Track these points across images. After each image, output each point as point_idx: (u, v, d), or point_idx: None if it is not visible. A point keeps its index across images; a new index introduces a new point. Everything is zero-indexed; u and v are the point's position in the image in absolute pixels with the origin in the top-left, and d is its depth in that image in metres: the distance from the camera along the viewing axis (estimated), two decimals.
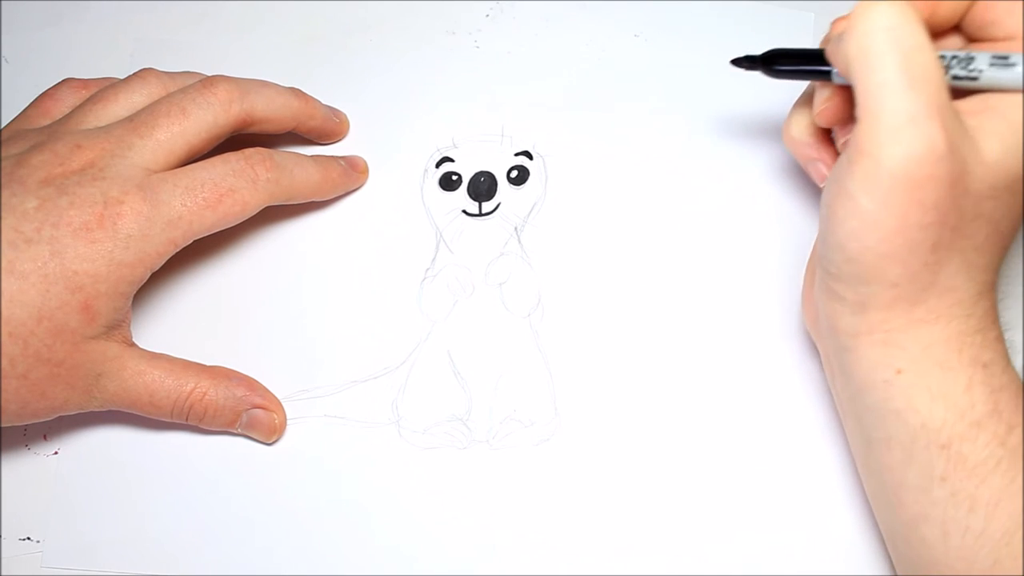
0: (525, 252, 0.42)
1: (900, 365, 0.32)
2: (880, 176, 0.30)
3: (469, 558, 0.38)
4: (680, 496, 0.39)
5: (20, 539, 0.39)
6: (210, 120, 0.38)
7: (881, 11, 0.30)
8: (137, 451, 0.39)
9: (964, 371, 0.32)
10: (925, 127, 0.29)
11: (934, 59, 0.30)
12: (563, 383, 0.40)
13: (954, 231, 0.31)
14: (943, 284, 0.32)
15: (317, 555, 0.38)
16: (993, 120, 0.31)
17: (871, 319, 0.33)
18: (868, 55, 0.30)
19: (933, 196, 0.30)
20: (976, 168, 0.31)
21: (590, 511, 0.39)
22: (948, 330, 0.32)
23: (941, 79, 0.30)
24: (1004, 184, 0.31)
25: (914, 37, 0.30)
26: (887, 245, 0.31)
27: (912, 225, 0.30)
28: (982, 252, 0.32)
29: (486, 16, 0.46)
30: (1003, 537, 0.31)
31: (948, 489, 0.32)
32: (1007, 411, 0.32)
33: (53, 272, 0.34)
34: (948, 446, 0.31)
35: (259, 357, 0.41)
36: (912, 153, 0.29)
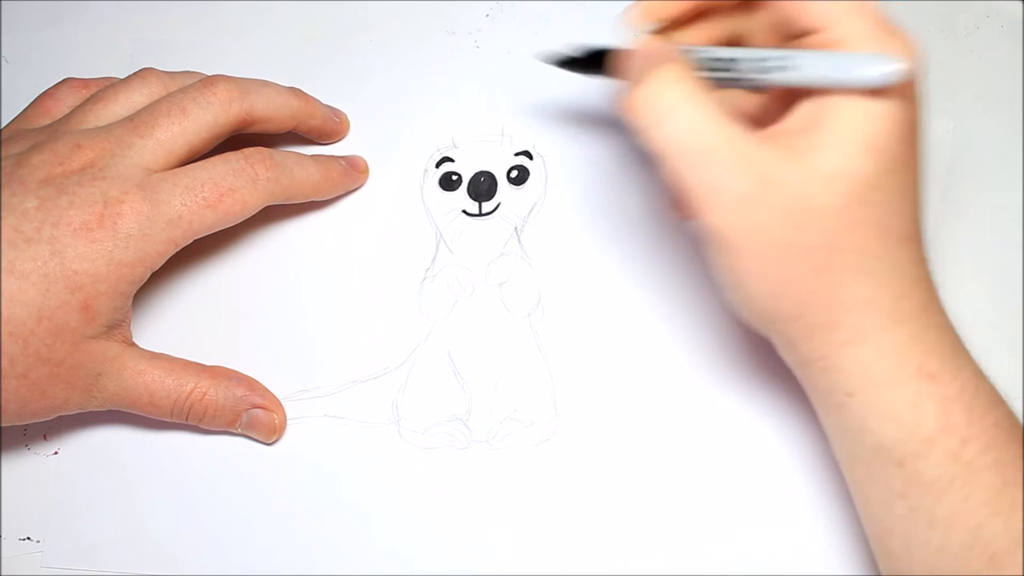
0: (525, 252, 0.42)
1: (848, 388, 0.32)
2: (710, 241, 0.32)
3: (469, 558, 0.38)
4: (680, 496, 0.39)
5: (20, 539, 0.39)
6: (210, 120, 0.38)
7: (647, 96, 0.31)
8: (137, 451, 0.39)
9: (909, 387, 0.31)
10: (728, 188, 0.30)
11: (712, 122, 0.30)
12: (563, 383, 0.40)
13: (830, 251, 0.31)
14: (850, 301, 0.31)
15: (317, 555, 0.38)
16: (823, 133, 0.31)
17: (800, 351, 0.33)
18: (657, 147, 0.31)
19: (770, 236, 0.30)
20: (816, 186, 0.30)
21: (590, 511, 0.39)
22: (881, 347, 0.32)
23: (726, 137, 0.30)
24: (865, 187, 0.30)
25: (687, 108, 0.31)
26: (760, 292, 0.32)
27: (770, 268, 0.31)
28: (880, 257, 0.32)
29: (486, 16, 0.46)
30: (962, 551, 0.31)
31: (908, 505, 0.32)
32: (959, 424, 0.31)
33: (53, 272, 0.34)
34: (903, 464, 0.32)
35: (259, 357, 0.40)
36: (718, 215, 0.31)
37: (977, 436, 0.31)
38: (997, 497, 0.30)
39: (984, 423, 0.31)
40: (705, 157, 0.30)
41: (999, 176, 0.44)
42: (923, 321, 0.32)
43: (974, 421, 0.31)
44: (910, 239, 0.32)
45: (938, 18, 0.47)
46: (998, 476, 0.31)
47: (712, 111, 0.31)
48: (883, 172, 0.31)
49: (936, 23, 0.47)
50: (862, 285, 0.31)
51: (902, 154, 0.31)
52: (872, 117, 0.30)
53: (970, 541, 0.30)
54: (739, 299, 0.33)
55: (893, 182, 0.31)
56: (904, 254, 0.32)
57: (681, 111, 0.31)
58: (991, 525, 0.30)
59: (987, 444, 0.31)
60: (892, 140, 0.31)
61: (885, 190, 0.31)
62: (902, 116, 0.31)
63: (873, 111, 0.30)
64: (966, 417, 0.31)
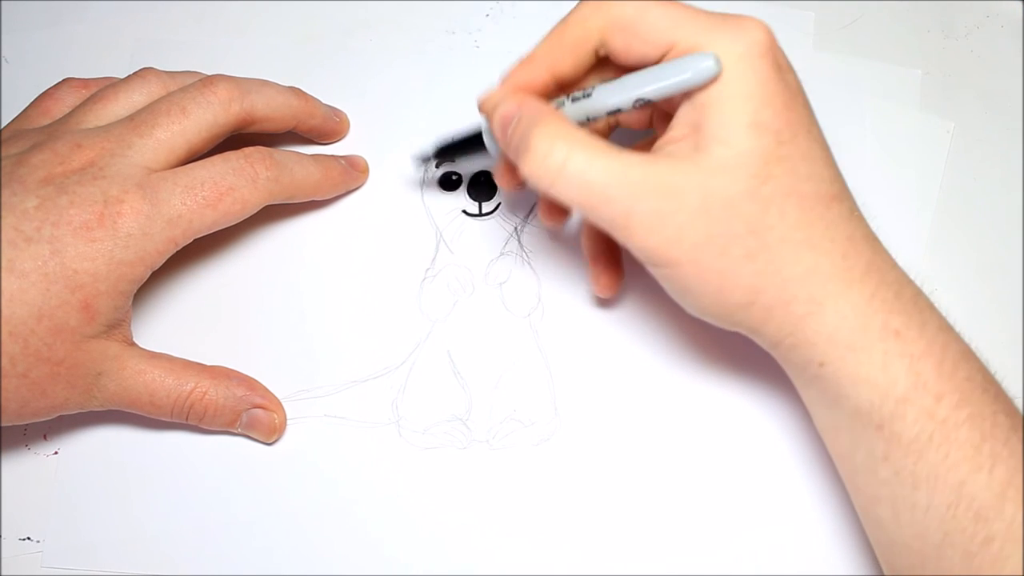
0: (525, 252, 0.42)
1: (819, 358, 0.32)
2: (644, 262, 0.33)
3: (469, 558, 0.38)
4: (680, 496, 0.39)
5: (20, 539, 0.39)
6: (210, 119, 0.38)
7: (538, 161, 0.32)
8: (137, 451, 0.39)
9: (876, 347, 0.31)
10: (639, 212, 0.31)
11: (604, 160, 0.31)
12: (563, 383, 0.40)
13: (755, 234, 0.31)
14: (795, 273, 0.32)
15: (317, 555, 0.38)
16: (707, 128, 0.31)
17: (768, 334, 0.33)
18: (564, 201, 0.32)
19: (694, 239, 0.31)
20: (718, 179, 0.31)
21: (590, 511, 0.39)
22: (840, 311, 0.32)
23: (621, 169, 0.31)
24: (764, 163, 0.31)
25: (559, 152, 0.32)
26: (706, 292, 0.33)
27: (705, 268, 0.32)
28: (808, 224, 0.32)
29: (486, 16, 0.46)
30: (948, 510, 0.31)
31: (891, 468, 0.32)
32: (931, 380, 0.31)
33: (53, 271, 0.34)
34: (882, 427, 0.32)
35: (259, 357, 0.40)
36: (641, 238, 0.32)
37: (950, 391, 0.31)
38: (977, 452, 0.30)
39: (956, 378, 0.31)
40: (609, 194, 0.32)
41: (999, 176, 0.44)
42: (876, 279, 0.32)
43: (945, 376, 0.31)
44: (835, 199, 0.33)
45: (938, 18, 0.47)
46: (976, 431, 0.31)
47: (600, 150, 0.32)
48: (775, 145, 0.31)
49: (936, 23, 0.47)
50: (802, 255, 0.32)
51: (790, 121, 0.32)
52: (745, 97, 0.31)
53: (955, 499, 0.30)
54: (691, 304, 0.34)
55: (793, 151, 0.32)
56: (833, 215, 0.32)
57: (573, 162, 0.32)
58: (974, 481, 0.30)
59: (961, 399, 0.31)
60: (771, 112, 0.31)
61: (787, 160, 0.31)
62: (774, 87, 0.31)
63: (744, 92, 0.31)
64: (937, 372, 0.31)
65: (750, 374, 0.40)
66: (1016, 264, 0.42)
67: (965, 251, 0.43)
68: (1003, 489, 0.30)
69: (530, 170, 0.32)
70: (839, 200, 0.33)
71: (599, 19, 0.33)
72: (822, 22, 0.46)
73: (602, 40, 0.34)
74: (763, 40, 0.31)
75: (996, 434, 0.31)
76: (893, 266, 0.33)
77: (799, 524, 0.38)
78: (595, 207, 0.32)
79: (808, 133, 0.32)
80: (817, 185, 0.32)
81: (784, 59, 0.32)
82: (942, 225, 0.43)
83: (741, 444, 0.39)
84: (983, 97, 0.45)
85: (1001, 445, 0.31)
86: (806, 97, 0.33)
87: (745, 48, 0.31)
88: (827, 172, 0.33)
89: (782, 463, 0.39)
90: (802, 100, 0.33)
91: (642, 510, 0.38)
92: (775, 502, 0.38)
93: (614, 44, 0.33)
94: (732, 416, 0.39)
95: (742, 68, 0.31)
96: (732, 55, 0.31)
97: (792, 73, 0.33)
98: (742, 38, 0.31)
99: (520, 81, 0.35)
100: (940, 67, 0.46)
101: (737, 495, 0.39)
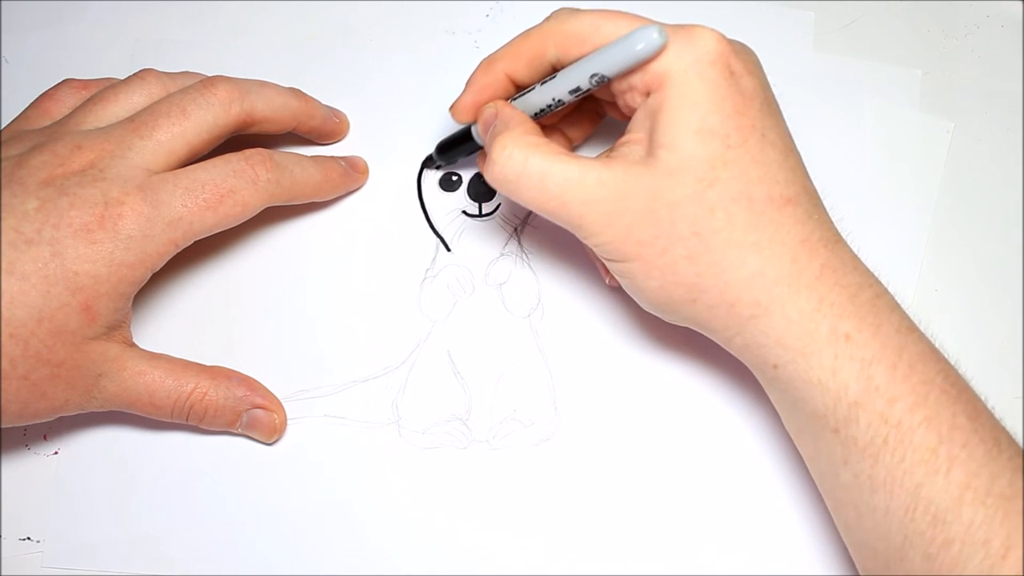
0: (525, 253, 0.42)
1: (772, 360, 0.33)
2: (603, 259, 0.35)
3: (469, 558, 0.38)
4: (679, 496, 0.39)
5: (20, 539, 0.39)
6: (210, 120, 0.38)
7: (500, 167, 0.34)
8: (137, 451, 0.39)
9: (827, 351, 0.32)
10: (592, 212, 0.33)
11: (560, 165, 0.34)
12: (563, 383, 0.40)
13: (699, 235, 0.32)
14: (740, 276, 0.32)
15: (316, 555, 0.38)
16: (656, 134, 0.33)
17: (717, 332, 0.34)
18: (526, 204, 0.35)
19: (640, 237, 0.33)
20: (664, 182, 0.32)
21: (590, 511, 0.39)
22: (787, 315, 0.32)
23: (577, 172, 0.33)
24: (709, 168, 0.32)
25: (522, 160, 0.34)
26: (651, 287, 0.34)
27: (650, 264, 0.33)
28: (757, 228, 0.32)
29: (486, 16, 0.46)
30: (906, 514, 0.31)
31: (851, 472, 0.32)
32: (883, 384, 0.31)
33: (54, 273, 0.34)
34: (838, 431, 0.32)
35: (259, 357, 0.41)
36: (595, 236, 0.34)
37: (905, 394, 0.31)
38: (933, 455, 0.30)
39: (911, 380, 0.31)
40: (565, 198, 0.34)
41: (999, 176, 0.44)
42: (829, 282, 0.32)
43: (899, 379, 0.31)
44: (789, 202, 0.33)
45: (938, 18, 0.47)
46: (932, 433, 0.30)
47: (557, 155, 0.34)
48: (723, 150, 0.32)
49: (936, 23, 0.47)
50: (747, 258, 0.32)
51: (740, 126, 0.32)
52: (692, 104, 0.32)
53: (912, 502, 0.30)
54: (639, 297, 0.36)
55: (742, 155, 0.32)
56: (785, 218, 0.33)
57: (531, 167, 0.34)
58: (930, 484, 0.30)
59: (916, 402, 0.31)
60: (719, 118, 0.32)
61: (735, 164, 0.32)
62: (724, 93, 0.32)
63: (692, 100, 0.32)
64: (890, 376, 0.31)
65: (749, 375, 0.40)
66: (1016, 264, 0.42)
67: (965, 251, 0.43)
68: (960, 492, 0.30)
69: (492, 175, 0.35)
70: (794, 203, 0.33)
71: (557, 33, 0.35)
72: (822, 22, 0.46)
73: (558, 52, 0.36)
74: (713, 48, 0.32)
75: (954, 436, 0.30)
76: (854, 268, 0.33)
77: (799, 524, 0.38)
78: (552, 210, 0.34)
79: (762, 137, 0.33)
80: (769, 188, 0.33)
81: (740, 65, 0.33)
82: (942, 225, 0.43)
83: (740, 444, 0.39)
84: (983, 97, 0.45)
85: (959, 448, 0.30)
86: (767, 101, 0.34)
87: (694, 56, 0.32)
88: (781, 175, 0.33)
89: (781, 463, 0.39)
90: (758, 104, 0.33)
91: (642, 510, 0.38)
92: (774, 502, 0.38)
93: (570, 55, 0.35)
94: (732, 416, 0.40)
95: (691, 75, 0.32)
96: (682, 63, 0.32)
97: (751, 78, 0.33)
98: (691, 47, 0.32)
99: (481, 84, 0.38)
100: (940, 67, 0.46)
101: (736, 495, 0.39)
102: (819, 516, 0.38)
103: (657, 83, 0.33)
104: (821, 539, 0.38)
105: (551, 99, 0.36)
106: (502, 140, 0.35)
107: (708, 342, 0.40)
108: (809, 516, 0.38)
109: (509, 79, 0.38)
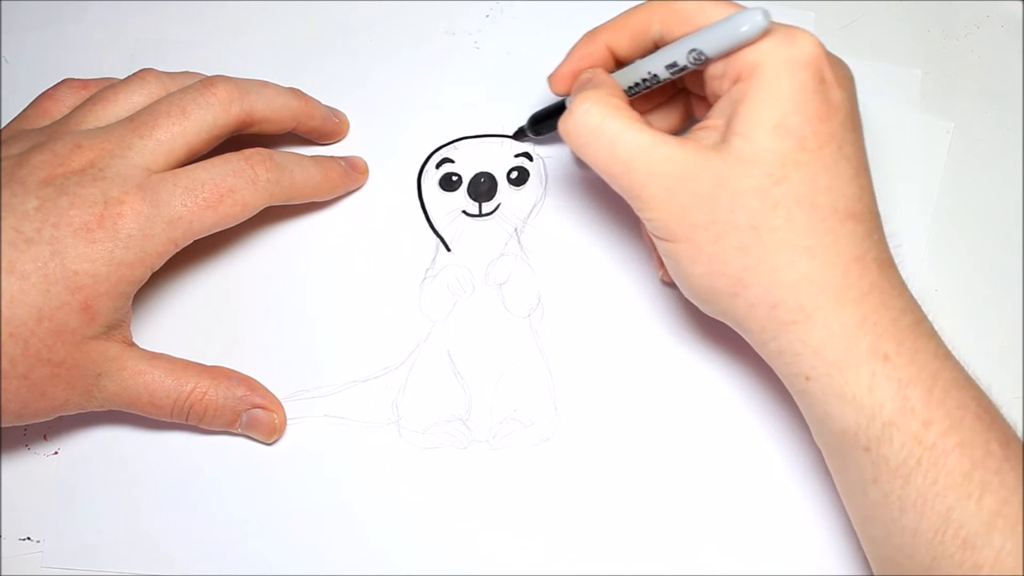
0: (525, 252, 0.42)
1: (806, 371, 0.33)
2: (652, 235, 0.35)
3: (469, 558, 0.38)
4: (680, 496, 0.39)
5: (20, 539, 0.39)
6: (210, 120, 0.38)
7: (575, 119, 0.34)
8: (137, 451, 0.39)
9: (864, 368, 0.31)
10: (654, 186, 0.33)
11: (635, 131, 0.33)
12: (563, 383, 0.40)
13: (757, 230, 0.32)
14: (788, 278, 0.32)
15: (316, 555, 0.38)
16: (736, 122, 0.33)
17: (752, 332, 0.34)
18: (591, 162, 0.35)
19: (696, 219, 0.33)
20: (733, 170, 0.32)
21: (590, 511, 0.39)
22: (829, 326, 0.32)
23: (648, 142, 0.33)
24: (780, 165, 0.32)
25: (606, 128, 0.34)
26: (696, 273, 0.34)
27: (700, 249, 0.33)
28: (815, 234, 0.32)
29: (486, 16, 0.46)
30: (935, 536, 0.30)
31: (880, 491, 0.32)
32: (918, 406, 0.31)
33: (53, 272, 0.34)
34: (869, 449, 0.32)
35: (259, 357, 0.41)
36: (650, 210, 0.34)
37: (940, 418, 0.31)
38: (966, 480, 0.30)
39: (946, 405, 0.31)
40: (632, 165, 0.33)
41: (999, 176, 0.44)
42: (875, 301, 0.32)
43: (935, 403, 0.31)
44: (852, 217, 0.33)
45: (938, 18, 0.47)
46: (965, 458, 0.30)
47: (634, 123, 0.34)
48: (797, 151, 0.32)
49: (936, 23, 0.47)
50: (799, 262, 0.32)
51: (817, 132, 0.32)
52: (776, 99, 0.32)
53: (942, 525, 0.30)
54: (682, 281, 0.35)
55: (815, 159, 0.32)
56: (845, 232, 0.32)
57: (605, 127, 0.34)
58: (962, 508, 0.30)
59: (951, 426, 0.31)
60: (800, 119, 0.32)
61: (806, 167, 0.32)
62: (810, 96, 0.32)
63: (777, 95, 0.32)
64: (926, 399, 0.31)
65: (750, 375, 0.40)
66: (1016, 264, 0.42)
67: (965, 251, 0.43)
68: (992, 518, 0.30)
69: (565, 126, 0.35)
70: (856, 219, 0.33)
71: (663, 9, 0.35)
72: (822, 22, 0.46)
73: (662, 30, 0.35)
74: (811, 51, 0.32)
75: (987, 463, 0.31)
76: (900, 293, 0.33)
77: (799, 524, 0.38)
78: (616, 175, 0.34)
79: (839, 149, 0.32)
80: (835, 199, 0.32)
81: (833, 75, 0.33)
82: (942, 225, 0.43)
83: (741, 444, 0.39)
84: (983, 97, 0.45)
85: (992, 474, 0.30)
86: (852, 116, 0.33)
87: (790, 54, 0.32)
88: (850, 190, 0.33)
89: (781, 463, 0.39)
90: (841, 117, 0.33)
91: (642, 510, 0.38)
92: (774, 502, 0.38)
93: (673, 34, 0.35)
94: (732, 416, 0.40)
95: (782, 71, 0.32)
96: (776, 58, 0.32)
97: (841, 91, 0.33)
98: (789, 45, 0.32)
99: (582, 54, 0.38)
100: (940, 67, 0.46)
101: (737, 495, 0.39)
102: (819, 517, 0.38)
103: (748, 72, 0.33)
104: (821, 539, 0.38)
105: (647, 72, 0.36)
106: (585, 95, 0.34)
107: (709, 342, 0.40)
108: (809, 516, 0.38)
109: (610, 52, 0.37)
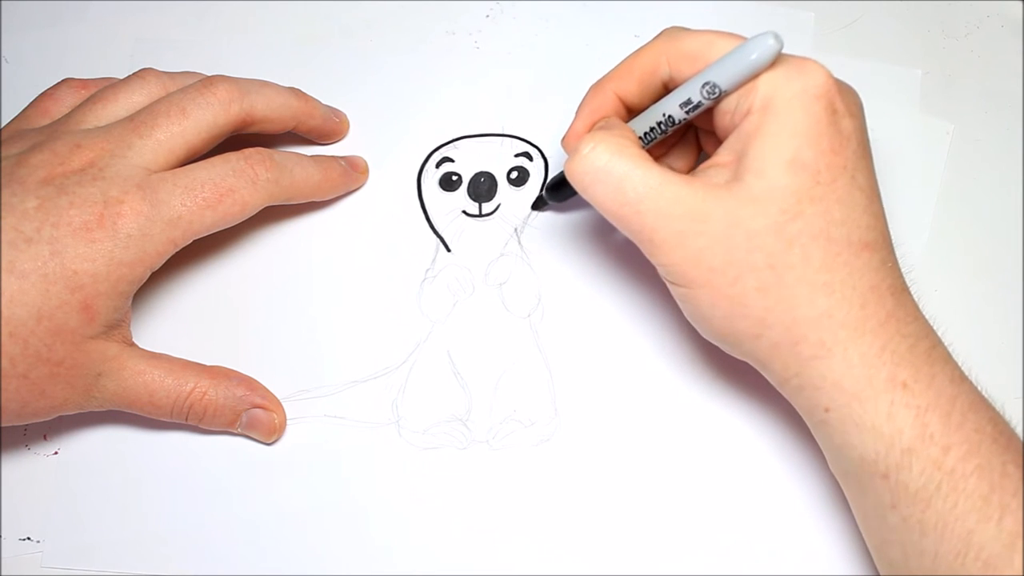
0: (525, 253, 0.42)
1: (825, 403, 0.33)
2: (665, 278, 0.34)
3: (469, 558, 0.38)
4: (680, 496, 0.39)
5: (20, 539, 0.39)
6: (210, 120, 0.38)
7: (581, 158, 0.33)
8: (137, 451, 0.39)
9: (883, 397, 0.31)
10: (665, 229, 0.32)
11: (642, 172, 0.32)
12: (563, 383, 0.40)
13: (774, 269, 0.32)
14: (808, 315, 0.32)
15: (317, 555, 0.38)
16: (747, 159, 0.32)
17: (773, 370, 0.34)
18: (597, 204, 0.34)
19: (713, 263, 0.32)
20: (747, 210, 0.32)
21: (590, 511, 0.39)
22: (848, 359, 0.32)
23: (657, 183, 0.32)
24: (795, 202, 0.31)
25: (613, 168, 0.33)
26: (716, 316, 0.33)
27: (719, 293, 0.32)
28: (832, 268, 0.32)
29: (486, 16, 0.46)
30: (956, 559, 0.31)
31: (899, 516, 0.32)
32: (937, 432, 0.31)
33: (53, 272, 0.34)
34: (887, 476, 0.32)
35: (259, 357, 0.41)
36: (663, 254, 0.33)
37: (958, 443, 0.31)
38: (985, 503, 0.30)
39: (964, 430, 0.31)
40: (643, 205, 0.32)
41: (999, 176, 0.44)
42: (891, 330, 0.32)
43: (953, 428, 0.31)
44: (867, 247, 0.33)
45: (938, 18, 0.47)
46: (984, 482, 0.31)
47: (642, 161, 0.33)
48: (811, 185, 0.31)
49: (936, 23, 0.47)
50: (818, 298, 0.32)
51: (830, 165, 0.32)
52: (790, 135, 0.31)
53: (963, 548, 0.30)
54: (702, 326, 0.35)
55: (829, 193, 0.32)
56: (861, 263, 0.32)
57: (613, 167, 0.33)
58: (982, 531, 0.30)
59: (969, 450, 0.31)
60: (814, 153, 0.31)
61: (821, 202, 0.32)
62: (823, 129, 0.32)
63: (790, 130, 0.31)
64: (943, 425, 0.31)
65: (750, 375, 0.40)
66: (1016, 264, 0.42)
67: (965, 251, 0.43)
68: (1012, 540, 0.30)
69: (571, 167, 0.34)
70: (871, 249, 0.33)
71: (669, 51, 0.34)
72: (822, 22, 0.46)
73: (671, 71, 0.35)
74: (822, 83, 0.32)
75: (1006, 485, 0.31)
76: (915, 318, 0.33)
77: (798, 524, 0.38)
78: (625, 217, 0.33)
79: (851, 180, 0.32)
80: (850, 231, 0.32)
81: (843, 105, 0.32)
82: (942, 225, 0.43)
83: (740, 444, 0.39)
84: (983, 97, 0.45)
85: (1011, 496, 0.30)
86: (862, 143, 0.33)
87: (801, 87, 0.32)
88: (864, 220, 0.33)
89: (781, 464, 0.39)
90: (853, 146, 0.32)
91: (642, 510, 0.38)
92: (774, 502, 0.38)
93: (683, 75, 0.34)
94: (732, 416, 0.40)
95: (794, 105, 0.31)
96: (787, 92, 0.32)
97: (852, 120, 0.33)
98: (800, 77, 0.32)
99: (592, 108, 0.37)
100: (940, 67, 0.46)
101: (736, 495, 0.39)
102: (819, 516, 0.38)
103: (760, 106, 0.32)
104: (821, 539, 0.38)
105: (661, 115, 0.35)
106: (593, 135, 0.34)
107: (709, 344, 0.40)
108: (809, 516, 0.38)
109: (619, 100, 0.36)
